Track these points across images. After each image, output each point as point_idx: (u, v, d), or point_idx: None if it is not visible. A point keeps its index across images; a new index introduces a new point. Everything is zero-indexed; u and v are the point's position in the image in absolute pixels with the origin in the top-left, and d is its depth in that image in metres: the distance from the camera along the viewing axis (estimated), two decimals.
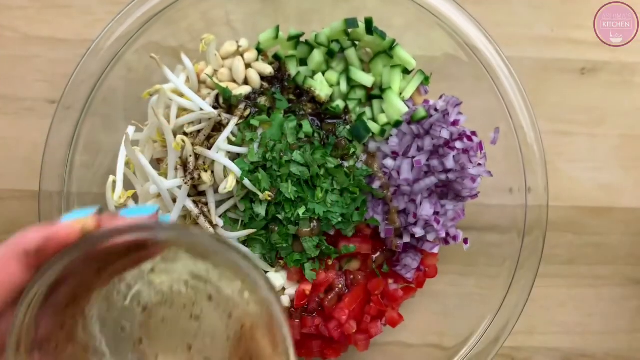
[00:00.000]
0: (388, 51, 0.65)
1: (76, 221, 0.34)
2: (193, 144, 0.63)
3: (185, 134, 0.64)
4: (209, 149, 0.63)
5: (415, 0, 0.64)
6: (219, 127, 0.64)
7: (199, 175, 0.62)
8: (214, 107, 0.64)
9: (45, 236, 0.33)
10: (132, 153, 0.62)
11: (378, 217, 0.66)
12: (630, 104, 0.76)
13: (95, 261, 0.35)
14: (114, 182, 0.62)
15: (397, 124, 0.66)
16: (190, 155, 0.62)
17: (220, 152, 0.62)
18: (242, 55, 0.67)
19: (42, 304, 0.34)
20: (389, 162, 0.66)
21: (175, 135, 0.62)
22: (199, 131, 0.64)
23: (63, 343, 0.35)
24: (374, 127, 0.66)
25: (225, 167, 0.62)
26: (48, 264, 0.33)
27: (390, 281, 0.69)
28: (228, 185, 0.61)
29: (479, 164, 0.64)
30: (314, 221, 0.64)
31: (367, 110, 0.68)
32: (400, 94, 0.67)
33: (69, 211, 0.37)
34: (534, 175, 0.65)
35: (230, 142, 0.63)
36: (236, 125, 0.63)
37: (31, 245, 0.33)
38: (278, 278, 0.66)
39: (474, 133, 0.64)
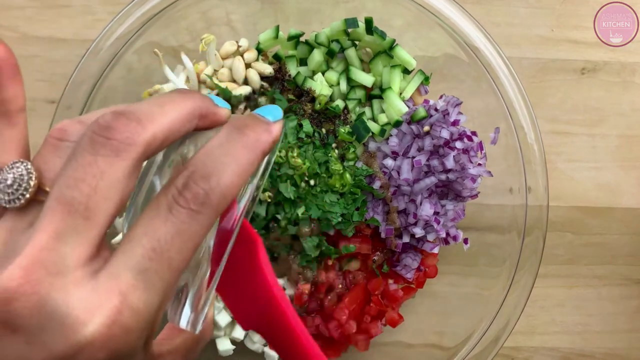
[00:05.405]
0: (388, 51, 0.65)
1: (226, 110, 0.37)
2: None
3: None
4: None
5: (415, 0, 0.64)
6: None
7: None
8: None
9: (213, 112, 0.35)
10: None
11: (378, 217, 0.66)
12: (629, 104, 0.76)
13: None
14: None
15: (397, 124, 0.66)
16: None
17: None
18: (242, 55, 0.67)
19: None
20: (389, 162, 0.66)
21: None
22: None
23: None
24: (374, 127, 0.66)
25: None
26: None
27: (390, 281, 0.69)
28: None
29: (479, 164, 0.64)
30: (314, 221, 0.64)
31: (367, 110, 0.68)
32: (400, 94, 0.67)
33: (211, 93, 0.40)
34: (534, 175, 0.65)
35: None
36: None
37: (202, 113, 0.34)
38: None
39: (474, 133, 0.64)
